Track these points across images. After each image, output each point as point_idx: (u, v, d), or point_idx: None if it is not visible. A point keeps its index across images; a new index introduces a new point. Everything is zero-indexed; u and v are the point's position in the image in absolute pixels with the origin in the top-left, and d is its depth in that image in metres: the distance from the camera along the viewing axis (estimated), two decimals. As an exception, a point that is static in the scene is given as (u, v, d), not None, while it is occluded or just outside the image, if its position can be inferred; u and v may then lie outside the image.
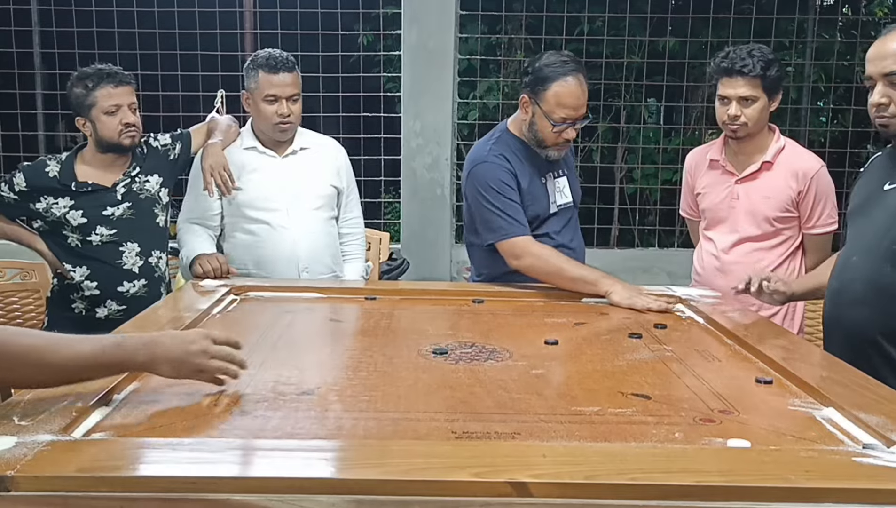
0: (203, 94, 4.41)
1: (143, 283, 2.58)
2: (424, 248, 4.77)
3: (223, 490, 1.01)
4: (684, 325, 2.08)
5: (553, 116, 2.34)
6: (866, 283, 1.87)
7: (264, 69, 2.56)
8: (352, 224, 2.85)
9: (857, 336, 1.87)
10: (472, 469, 1.04)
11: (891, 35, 1.85)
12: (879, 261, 1.85)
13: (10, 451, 1.06)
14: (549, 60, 2.36)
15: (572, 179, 2.62)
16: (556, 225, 2.52)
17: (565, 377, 1.57)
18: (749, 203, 2.53)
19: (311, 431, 1.25)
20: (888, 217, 1.86)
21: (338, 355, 1.78)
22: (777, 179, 2.51)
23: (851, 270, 1.93)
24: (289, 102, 2.59)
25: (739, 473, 1.05)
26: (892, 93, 1.83)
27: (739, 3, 4.94)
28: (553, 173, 2.53)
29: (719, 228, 2.61)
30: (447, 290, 2.54)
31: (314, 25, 4.80)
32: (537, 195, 2.47)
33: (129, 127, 2.50)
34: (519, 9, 5.10)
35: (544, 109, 2.34)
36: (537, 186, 2.47)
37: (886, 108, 1.85)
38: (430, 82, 4.70)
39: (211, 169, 2.53)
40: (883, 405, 1.35)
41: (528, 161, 2.46)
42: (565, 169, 2.58)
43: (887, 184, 1.92)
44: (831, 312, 2.00)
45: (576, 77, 2.33)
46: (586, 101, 2.37)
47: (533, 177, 2.46)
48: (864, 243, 1.93)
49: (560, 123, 2.35)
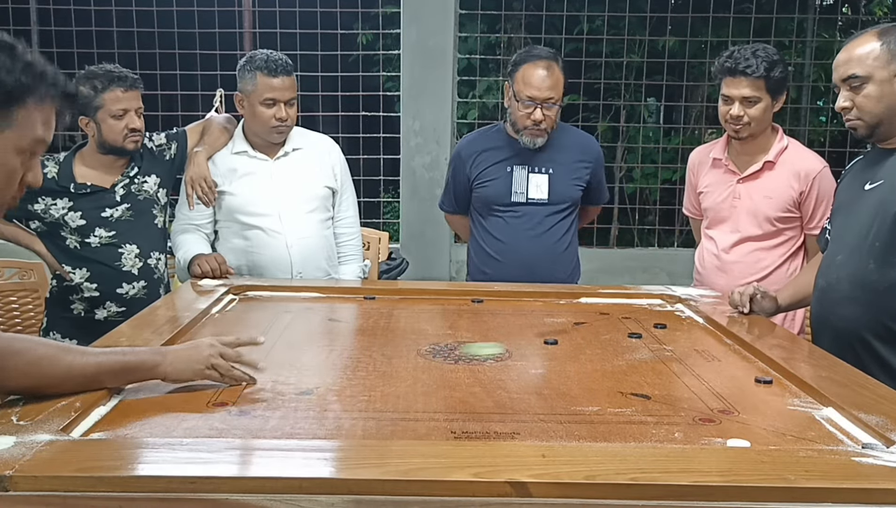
0: (202, 93, 4.40)
1: (143, 285, 2.57)
2: (424, 247, 4.76)
3: (222, 490, 1.01)
4: (684, 325, 2.08)
5: (521, 95, 2.58)
6: (852, 281, 1.91)
7: (263, 72, 2.52)
8: (346, 224, 2.80)
9: (845, 334, 1.90)
10: (472, 469, 1.04)
11: (851, 43, 1.94)
12: (864, 259, 1.89)
13: (8, 451, 1.06)
14: (527, 49, 2.68)
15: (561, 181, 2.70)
16: (529, 216, 2.69)
17: (565, 377, 1.57)
18: (751, 203, 2.53)
19: (310, 431, 1.25)
20: (870, 216, 1.90)
21: (337, 355, 1.78)
22: (779, 179, 2.51)
23: (837, 268, 1.97)
24: (286, 106, 2.56)
25: (739, 473, 1.05)
26: (853, 96, 1.92)
27: (739, 2, 4.94)
28: (529, 167, 2.70)
29: (720, 227, 2.61)
30: (446, 290, 2.53)
31: (313, 24, 4.80)
32: (494, 179, 2.71)
33: (134, 132, 2.49)
34: (518, 8, 5.10)
35: (515, 89, 2.60)
36: (498, 172, 2.71)
37: (850, 111, 1.94)
38: (429, 82, 4.69)
39: (191, 181, 2.53)
40: (882, 405, 1.35)
41: (500, 149, 2.72)
42: (552, 169, 2.70)
43: (868, 184, 1.97)
44: (819, 310, 2.04)
45: (545, 62, 2.57)
46: (557, 87, 2.58)
47: (497, 163, 2.71)
48: (847, 241, 1.96)
49: (527, 101, 2.56)
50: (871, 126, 1.92)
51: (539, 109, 2.56)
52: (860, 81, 1.88)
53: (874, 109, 1.89)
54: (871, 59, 1.87)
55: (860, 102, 1.90)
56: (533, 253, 2.68)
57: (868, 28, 1.95)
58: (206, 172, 2.56)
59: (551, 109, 2.58)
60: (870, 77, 1.87)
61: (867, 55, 1.88)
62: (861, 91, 1.89)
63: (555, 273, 2.67)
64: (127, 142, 2.49)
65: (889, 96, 1.87)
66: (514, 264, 2.66)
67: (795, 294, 2.21)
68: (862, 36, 1.92)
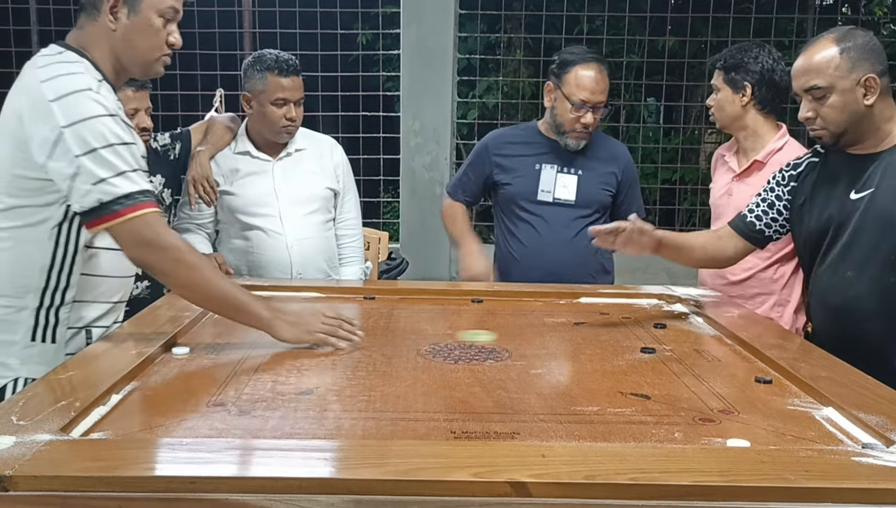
0: (202, 93, 4.40)
1: (147, 285, 2.57)
2: (423, 247, 4.76)
3: (222, 490, 1.01)
4: (684, 325, 2.08)
5: (572, 98, 2.52)
6: (876, 298, 1.87)
7: (273, 72, 2.53)
8: (348, 225, 2.80)
9: (875, 350, 1.85)
10: (472, 469, 1.04)
11: (809, 51, 1.90)
12: (883, 274, 1.85)
13: (8, 451, 1.06)
14: (574, 49, 2.64)
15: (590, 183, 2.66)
16: (554, 217, 2.65)
17: (565, 377, 1.57)
18: (740, 201, 2.50)
19: (309, 431, 1.25)
20: (874, 228, 1.86)
21: (336, 355, 1.78)
22: (766, 178, 2.49)
23: (851, 286, 1.91)
24: (296, 106, 2.58)
25: (739, 473, 1.05)
26: (816, 106, 1.89)
27: (739, 2, 4.95)
28: (560, 168, 2.64)
29: (716, 224, 2.60)
30: (446, 290, 2.53)
31: (313, 24, 4.80)
32: (521, 176, 2.67)
33: (143, 132, 2.50)
34: (518, 8, 5.10)
35: (565, 91, 2.54)
36: (526, 169, 2.67)
37: (814, 121, 1.91)
38: (429, 81, 4.70)
39: (194, 181, 2.53)
40: (882, 405, 1.35)
41: (529, 144, 2.68)
42: (581, 171, 2.66)
43: (853, 192, 1.92)
44: (835, 331, 1.97)
45: (597, 64, 2.55)
46: (606, 91, 2.56)
47: (525, 158, 2.67)
48: (854, 257, 1.91)
49: (579, 105, 2.52)
50: (835, 135, 1.90)
51: (590, 113, 2.54)
52: (822, 91, 1.86)
53: (838, 118, 1.87)
54: (832, 69, 1.84)
55: (824, 112, 1.88)
56: (559, 257, 2.61)
57: (825, 33, 1.91)
58: (209, 172, 2.56)
59: (600, 112, 2.57)
60: (832, 87, 1.85)
61: (827, 64, 1.85)
62: (824, 102, 1.87)
63: (582, 279, 2.58)
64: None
65: (852, 104, 1.85)
66: (539, 269, 2.59)
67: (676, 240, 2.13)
68: (818, 42, 1.89)
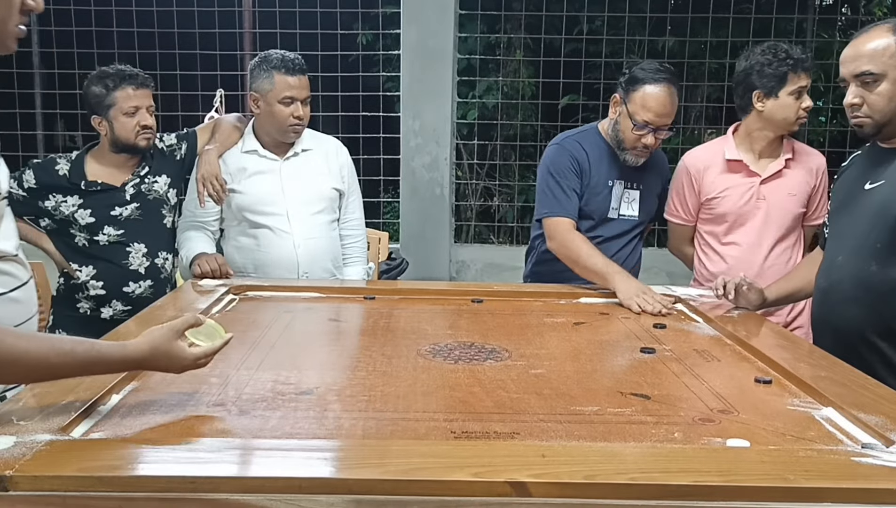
0: (202, 93, 4.40)
1: (150, 284, 2.58)
2: (423, 247, 4.76)
3: (222, 489, 1.01)
4: (684, 325, 2.08)
5: (636, 117, 2.40)
6: (854, 282, 1.89)
7: (281, 71, 2.54)
8: (352, 226, 2.81)
9: (848, 335, 1.89)
10: (472, 468, 1.04)
11: (862, 37, 1.90)
12: (866, 260, 1.87)
13: (8, 451, 1.06)
14: (647, 66, 2.44)
15: (648, 196, 2.61)
16: (611, 231, 2.55)
17: (564, 377, 1.57)
18: (777, 202, 2.50)
19: (310, 431, 1.25)
20: (871, 216, 1.89)
21: (337, 354, 1.78)
22: (797, 176, 2.52)
23: (838, 269, 1.95)
24: (303, 105, 2.59)
25: (738, 473, 1.05)
26: (864, 93, 1.89)
27: (739, 2, 4.94)
28: (626, 183, 2.56)
29: (741, 230, 2.53)
30: (446, 290, 2.53)
31: (313, 25, 4.80)
32: (597, 194, 2.53)
33: (146, 129, 2.52)
34: (518, 8, 5.10)
35: (630, 108, 2.41)
36: (601, 186, 2.53)
37: (860, 108, 1.91)
38: (429, 82, 4.69)
39: (203, 179, 2.54)
40: (882, 405, 1.35)
41: (601, 159, 2.53)
42: (642, 185, 2.59)
43: (868, 183, 1.95)
44: (820, 312, 2.03)
45: (667, 86, 2.38)
46: (673, 113, 2.42)
47: (600, 176, 2.52)
48: (848, 242, 1.95)
49: (641, 125, 2.40)
50: (879, 124, 1.90)
51: (652, 134, 2.42)
52: (874, 77, 1.85)
53: (885, 107, 1.86)
54: (887, 56, 1.83)
55: (872, 99, 1.87)
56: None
57: (879, 22, 1.91)
58: (218, 170, 2.57)
59: (663, 134, 2.45)
60: (884, 74, 1.84)
61: (882, 51, 1.84)
62: (874, 88, 1.86)
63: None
64: (139, 139, 2.52)
65: None
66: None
67: (783, 290, 2.19)
68: (874, 30, 1.88)
